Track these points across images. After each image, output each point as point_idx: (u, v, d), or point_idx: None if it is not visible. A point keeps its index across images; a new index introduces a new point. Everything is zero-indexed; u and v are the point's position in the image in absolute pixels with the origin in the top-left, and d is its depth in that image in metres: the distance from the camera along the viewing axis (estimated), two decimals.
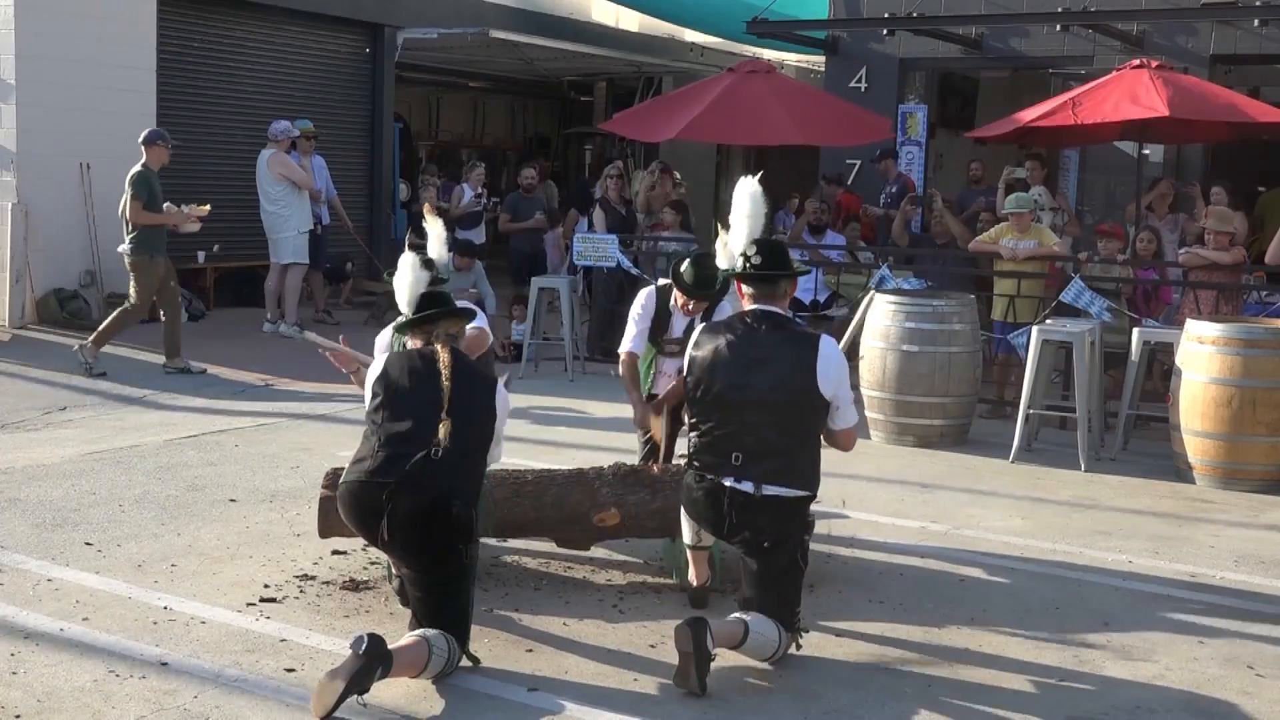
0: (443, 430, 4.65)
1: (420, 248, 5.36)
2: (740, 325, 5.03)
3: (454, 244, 12.73)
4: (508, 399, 5.05)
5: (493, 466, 5.18)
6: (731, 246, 5.44)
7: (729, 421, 4.90)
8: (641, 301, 6.41)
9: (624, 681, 4.75)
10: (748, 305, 5.10)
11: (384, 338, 5.77)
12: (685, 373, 5.07)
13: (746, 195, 5.45)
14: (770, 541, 4.87)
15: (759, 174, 5.62)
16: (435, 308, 5.02)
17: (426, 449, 4.65)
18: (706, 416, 4.97)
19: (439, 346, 4.85)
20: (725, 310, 6.03)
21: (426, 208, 5.77)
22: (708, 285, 6.05)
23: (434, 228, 5.66)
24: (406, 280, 5.08)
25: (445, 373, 4.74)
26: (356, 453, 4.88)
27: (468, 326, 5.29)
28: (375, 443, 4.78)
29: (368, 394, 4.96)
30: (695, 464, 5.00)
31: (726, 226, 5.56)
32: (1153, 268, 10.24)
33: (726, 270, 5.66)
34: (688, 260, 6.15)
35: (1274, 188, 15.17)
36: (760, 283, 5.07)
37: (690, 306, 6.15)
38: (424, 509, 4.64)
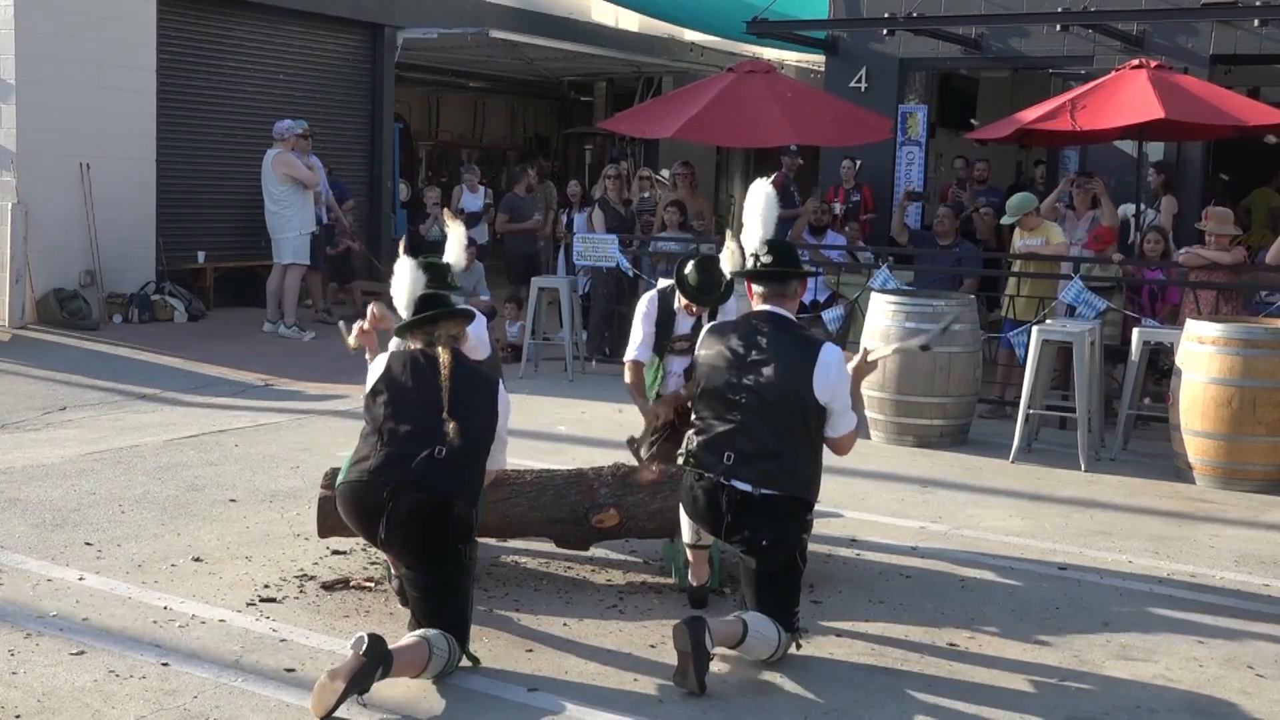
0: (451, 429, 4.63)
1: (418, 252, 5.31)
2: (745, 326, 5.04)
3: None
4: (509, 401, 5.03)
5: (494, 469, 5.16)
6: (744, 246, 5.41)
7: (725, 421, 4.91)
8: (644, 307, 6.29)
9: (624, 681, 4.75)
10: (757, 305, 5.09)
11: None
12: (696, 368, 5.10)
13: (761, 196, 5.41)
14: (769, 540, 4.87)
15: (773, 176, 5.62)
16: (434, 309, 4.96)
17: (431, 449, 4.65)
18: (705, 415, 4.99)
19: (440, 348, 4.83)
20: (730, 310, 6.02)
21: (446, 213, 5.67)
22: (711, 290, 5.97)
23: (455, 232, 5.56)
24: (405, 282, 5.05)
25: (445, 372, 4.72)
26: (355, 452, 4.87)
27: (470, 333, 5.26)
28: (376, 441, 4.76)
29: (368, 389, 4.94)
30: (692, 461, 5.01)
31: (737, 232, 5.50)
32: (1159, 268, 10.23)
33: (735, 272, 5.59)
34: (692, 263, 6.07)
35: (1261, 186, 15.26)
36: (770, 280, 5.07)
37: (694, 308, 6.12)
38: (425, 508, 4.64)
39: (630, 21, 20.86)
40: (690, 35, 20.46)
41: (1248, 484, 7.94)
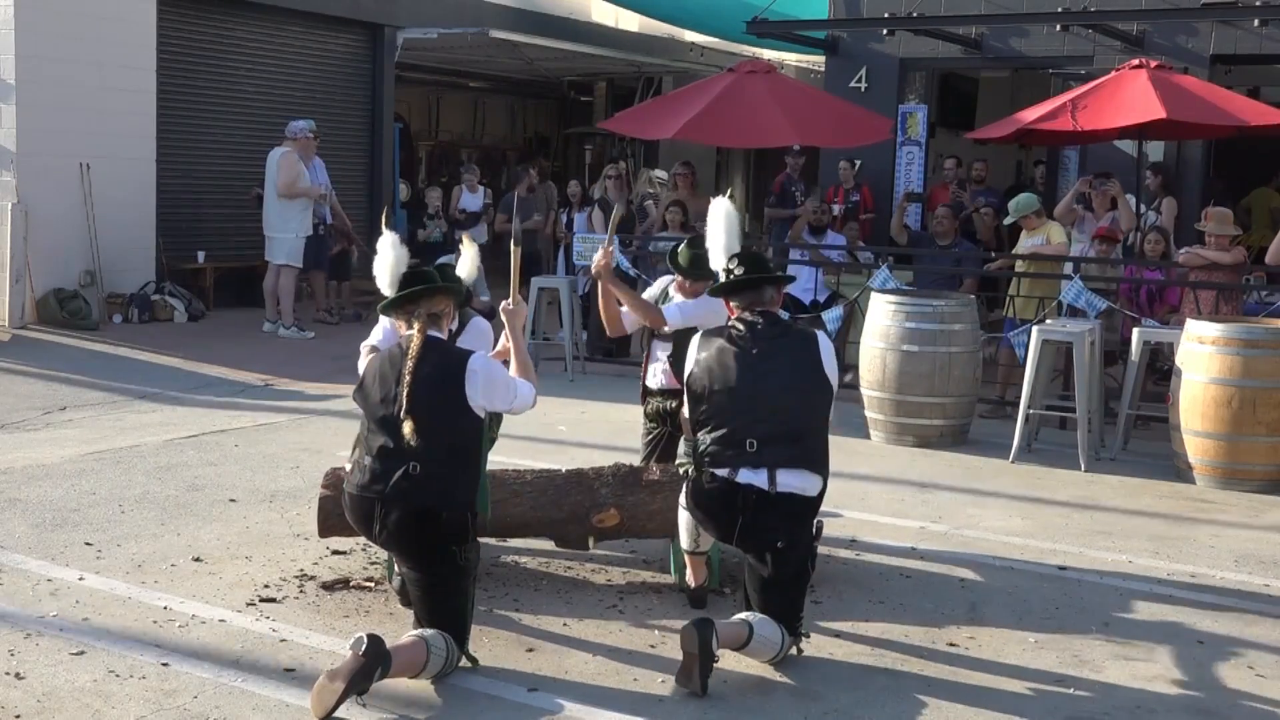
0: (408, 431, 4.55)
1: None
2: (741, 324, 5.06)
3: (457, 244, 12.75)
4: (489, 369, 4.79)
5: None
6: (712, 264, 5.49)
7: (742, 413, 4.90)
8: (653, 289, 6.55)
9: (624, 681, 4.75)
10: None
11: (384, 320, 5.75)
12: (688, 378, 5.07)
13: (721, 214, 5.51)
14: (784, 541, 4.86)
15: (729, 192, 5.75)
16: (416, 285, 4.84)
17: (406, 465, 4.61)
18: (719, 412, 4.95)
19: (415, 331, 4.73)
20: (718, 307, 6.07)
21: (466, 238, 5.65)
22: (702, 265, 6.09)
23: (468, 252, 5.54)
24: (387, 260, 5.01)
25: (410, 364, 4.63)
26: (354, 459, 4.90)
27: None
28: (363, 453, 4.78)
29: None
30: (706, 461, 4.97)
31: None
32: (1160, 268, 10.24)
33: (711, 290, 5.65)
34: (684, 243, 6.27)
35: (1261, 185, 15.27)
36: (746, 290, 5.10)
37: (688, 287, 6.20)
38: (411, 519, 4.64)
39: (630, 21, 20.85)
40: (690, 35, 20.45)
41: (1248, 484, 7.94)
